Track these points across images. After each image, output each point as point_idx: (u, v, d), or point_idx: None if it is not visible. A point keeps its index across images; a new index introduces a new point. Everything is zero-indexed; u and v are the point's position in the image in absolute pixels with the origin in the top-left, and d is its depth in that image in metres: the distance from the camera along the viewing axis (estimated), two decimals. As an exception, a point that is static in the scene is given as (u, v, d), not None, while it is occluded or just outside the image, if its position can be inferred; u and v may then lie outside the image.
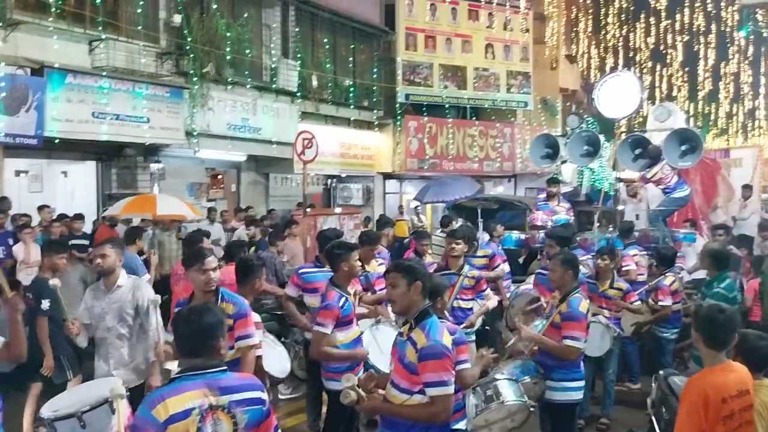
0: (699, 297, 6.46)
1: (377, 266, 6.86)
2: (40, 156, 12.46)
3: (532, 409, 4.58)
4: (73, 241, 10.32)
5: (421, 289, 3.56)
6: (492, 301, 6.55)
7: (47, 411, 3.74)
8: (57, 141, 11.08)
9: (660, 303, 7.38)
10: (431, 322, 3.50)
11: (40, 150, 11.34)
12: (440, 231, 10.77)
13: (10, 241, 9.39)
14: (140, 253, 8.91)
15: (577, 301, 4.95)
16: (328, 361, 5.09)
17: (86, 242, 10.50)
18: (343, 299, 5.01)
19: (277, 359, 5.54)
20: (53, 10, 11.05)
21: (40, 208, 11.02)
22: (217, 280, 4.53)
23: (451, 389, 3.38)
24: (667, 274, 7.57)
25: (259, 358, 4.66)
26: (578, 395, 5.07)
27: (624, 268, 8.03)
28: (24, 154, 12.00)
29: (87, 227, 11.32)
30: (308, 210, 12.99)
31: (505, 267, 8.49)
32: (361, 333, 5.31)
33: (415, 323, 3.53)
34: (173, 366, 4.33)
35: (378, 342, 5.35)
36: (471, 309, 6.36)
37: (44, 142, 10.86)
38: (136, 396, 4.11)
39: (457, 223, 9.77)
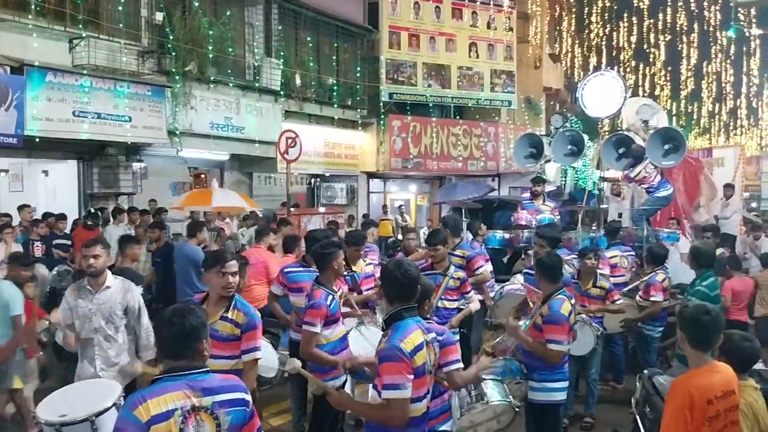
0: (683, 297, 6.51)
1: (364, 266, 6.82)
2: (21, 155, 12.31)
3: (517, 409, 4.56)
4: (56, 241, 10.26)
5: (383, 294, 3.61)
6: (474, 304, 6.47)
7: (49, 415, 3.69)
8: (37, 140, 10.96)
9: (652, 298, 7.44)
10: (398, 325, 3.45)
11: (21, 149, 11.20)
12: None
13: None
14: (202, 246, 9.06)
15: (558, 303, 4.92)
16: (315, 362, 5.04)
17: (68, 242, 10.43)
18: (330, 297, 4.96)
19: (264, 358, 5.48)
20: (33, 7, 10.91)
21: (21, 208, 10.91)
22: (235, 285, 4.40)
23: (404, 393, 3.29)
24: (658, 272, 7.63)
25: None
26: (561, 396, 5.06)
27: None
28: (4, 154, 11.86)
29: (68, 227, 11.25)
30: (292, 209, 12.95)
31: (488, 266, 8.46)
32: (347, 332, 5.28)
33: (386, 326, 3.53)
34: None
35: (369, 340, 5.31)
36: (455, 309, 6.34)
37: (24, 141, 10.74)
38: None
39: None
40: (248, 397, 2.82)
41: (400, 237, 16.15)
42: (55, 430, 3.62)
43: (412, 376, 3.32)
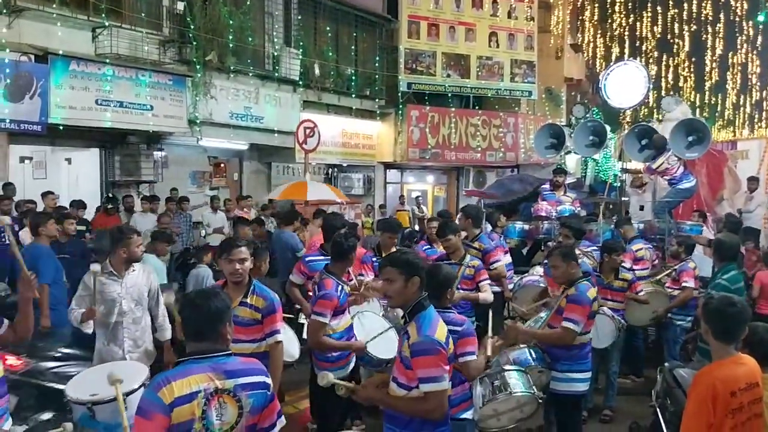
0: (705, 290, 6.47)
1: None
2: (44, 143, 12.48)
3: (540, 401, 4.54)
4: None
5: (419, 284, 3.46)
6: (485, 294, 6.25)
7: (80, 393, 3.75)
8: (61, 128, 11.10)
9: (684, 284, 7.48)
10: (424, 315, 3.40)
11: (44, 137, 11.35)
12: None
13: (16, 227, 9.40)
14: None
15: (585, 287, 4.95)
16: (324, 350, 5.01)
17: (84, 228, 10.58)
18: (340, 287, 4.96)
19: (286, 343, 5.48)
20: (57, -4, 11.01)
21: (45, 195, 11.03)
22: (246, 271, 4.45)
23: (444, 385, 3.28)
24: (688, 260, 7.63)
25: None
26: (583, 387, 5.04)
27: None
28: (28, 141, 12.03)
29: (89, 214, 11.44)
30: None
31: (506, 258, 8.39)
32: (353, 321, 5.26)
33: (410, 317, 3.44)
34: None
35: (366, 328, 5.29)
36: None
37: (48, 129, 10.87)
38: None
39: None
40: (269, 380, 2.87)
41: (417, 228, 16.17)
42: (87, 408, 3.67)
43: (448, 367, 3.33)
